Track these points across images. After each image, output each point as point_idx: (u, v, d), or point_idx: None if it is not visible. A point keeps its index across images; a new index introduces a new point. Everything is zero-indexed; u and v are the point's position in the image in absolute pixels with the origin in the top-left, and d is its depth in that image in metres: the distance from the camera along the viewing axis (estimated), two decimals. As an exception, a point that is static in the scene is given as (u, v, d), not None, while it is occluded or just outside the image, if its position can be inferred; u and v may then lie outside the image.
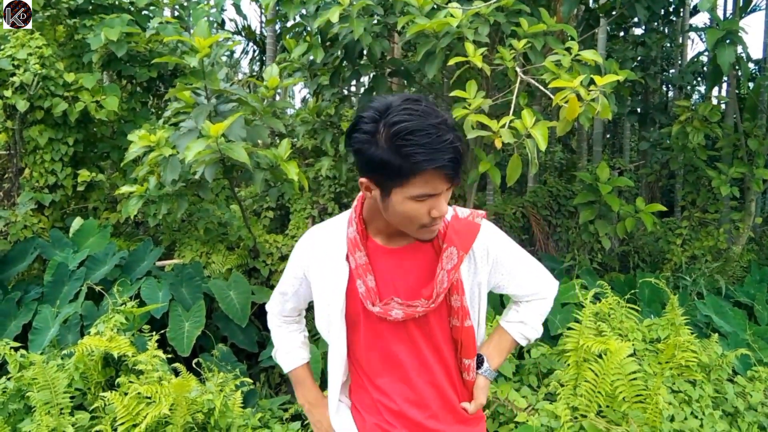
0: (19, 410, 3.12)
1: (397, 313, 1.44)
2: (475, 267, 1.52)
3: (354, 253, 1.47)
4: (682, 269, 5.40)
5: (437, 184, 1.29)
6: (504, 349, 1.66)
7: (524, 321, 1.66)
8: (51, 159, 5.07)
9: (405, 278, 1.47)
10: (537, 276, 1.65)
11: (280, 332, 1.79)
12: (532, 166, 3.22)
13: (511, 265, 1.58)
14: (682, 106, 5.55)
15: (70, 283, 4.30)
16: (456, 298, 1.48)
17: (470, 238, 1.46)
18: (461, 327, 1.51)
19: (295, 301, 1.70)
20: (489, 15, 3.71)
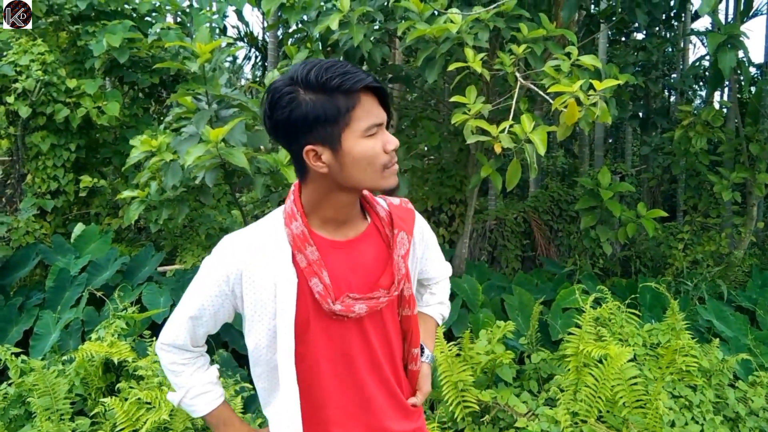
0: (20, 416, 3.13)
1: (360, 308, 1.33)
2: (414, 252, 1.49)
3: (304, 249, 1.31)
4: (684, 274, 5.39)
5: (376, 111, 1.25)
6: (432, 333, 1.65)
7: (442, 301, 1.69)
8: (53, 165, 5.09)
9: (356, 272, 1.35)
10: (441, 256, 1.67)
11: (185, 371, 1.47)
12: (532, 170, 3.22)
13: (432, 248, 1.60)
14: (685, 111, 5.54)
15: (72, 288, 4.30)
16: (408, 287, 1.42)
17: (410, 223, 1.45)
18: (411, 316, 1.46)
19: (211, 325, 1.43)
20: (489, 20, 3.72)
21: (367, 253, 1.38)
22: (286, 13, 4.35)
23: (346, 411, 1.41)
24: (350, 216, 1.37)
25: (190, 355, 1.48)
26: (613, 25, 5.64)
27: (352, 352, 1.38)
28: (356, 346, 1.38)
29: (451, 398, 2.98)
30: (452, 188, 5.56)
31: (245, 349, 4.26)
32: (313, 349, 1.36)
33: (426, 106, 6.35)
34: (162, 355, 1.48)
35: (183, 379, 1.47)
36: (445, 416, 3.11)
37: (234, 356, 4.24)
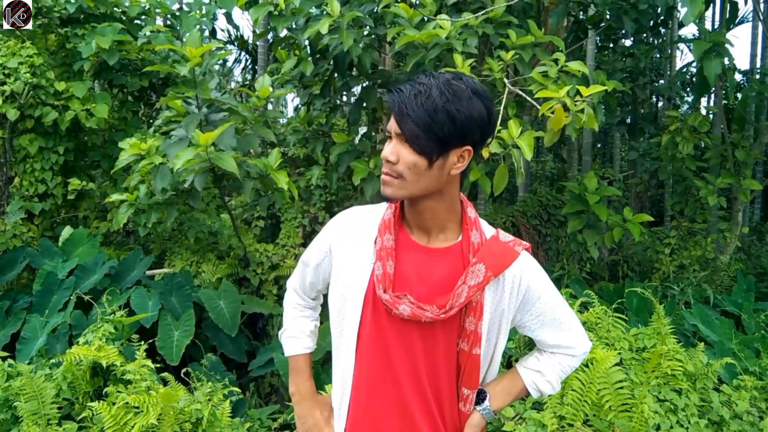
0: (6, 420, 3.11)
1: (404, 309, 1.34)
2: (501, 295, 1.40)
3: (383, 234, 1.40)
4: (671, 278, 5.44)
5: (391, 123, 1.32)
6: (511, 393, 1.51)
7: (542, 371, 1.51)
8: (41, 168, 5.06)
9: (425, 280, 1.38)
10: (569, 329, 1.50)
11: (293, 313, 1.69)
12: (518, 175, 3.25)
13: (543, 307, 1.46)
14: (672, 117, 5.61)
15: (60, 292, 4.29)
16: (471, 321, 1.38)
17: (504, 263, 1.37)
18: (468, 353, 1.40)
19: (314, 276, 1.59)
20: (478, 27, 3.75)
21: (440, 267, 1.39)
22: (274, 21, 4.36)
23: (383, 406, 1.44)
24: (429, 224, 1.40)
25: (300, 301, 1.69)
26: (600, 31, 5.70)
27: (395, 356, 1.41)
28: (400, 354, 1.40)
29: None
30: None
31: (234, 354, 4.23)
32: (364, 335, 1.43)
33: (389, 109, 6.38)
34: (286, 294, 1.73)
35: (287, 319, 1.70)
36: (433, 420, 3.12)
37: (222, 360, 4.24)
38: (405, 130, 1.28)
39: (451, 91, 1.27)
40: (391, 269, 1.37)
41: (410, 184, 1.32)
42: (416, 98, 1.26)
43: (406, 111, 1.27)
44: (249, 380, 4.50)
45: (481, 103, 1.30)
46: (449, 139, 1.28)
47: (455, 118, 1.26)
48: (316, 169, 4.88)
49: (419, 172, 1.30)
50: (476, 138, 1.32)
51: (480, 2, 4.22)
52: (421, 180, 1.31)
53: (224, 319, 4.33)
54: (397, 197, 1.35)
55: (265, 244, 5.40)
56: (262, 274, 5.11)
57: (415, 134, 1.27)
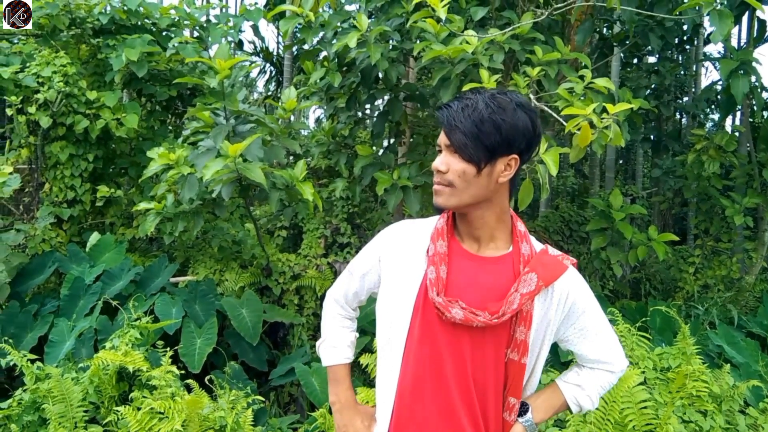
0: (33, 422, 3.17)
1: (456, 313, 1.39)
2: (549, 306, 1.46)
3: (436, 241, 1.47)
4: (695, 298, 5.38)
5: (441, 137, 1.42)
6: (552, 407, 1.55)
7: (582, 386, 1.56)
8: (71, 174, 5.17)
9: (476, 287, 1.43)
10: (610, 345, 1.56)
11: (333, 323, 1.72)
12: (543, 191, 3.25)
13: (586, 321, 1.51)
14: (698, 135, 5.57)
15: (86, 297, 4.36)
16: (521, 330, 1.43)
17: (555, 274, 1.43)
18: (517, 362, 1.44)
19: (359, 286, 1.64)
20: (504, 42, 3.78)
21: (492, 276, 1.45)
22: (303, 33, 4.42)
23: (430, 411, 1.47)
24: (479, 232, 1.47)
25: (341, 311, 1.73)
26: (626, 48, 5.69)
27: (441, 360, 1.45)
28: (450, 358, 1.44)
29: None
30: (463, 206, 5.58)
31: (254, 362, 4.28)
32: (412, 341, 1.47)
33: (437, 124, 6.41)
34: (325, 304, 1.76)
35: (327, 329, 1.72)
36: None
37: (244, 369, 4.27)
38: (454, 141, 1.37)
39: (496, 103, 1.36)
40: (443, 273, 1.43)
41: (460, 192, 1.40)
42: (464, 111, 1.37)
43: (454, 123, 1.37)
44: (269, 389, 4.52)
45: (526, 114, 1.39)
46: (496, 147, 1.37)
47: (501, 128, 1.35)
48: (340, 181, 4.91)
49: (468, 179, 1.39)
50: (522, 147, 1.40)
51: (506, 18, 4.26)
52: (470, 187, 1.40)
53: (246, 328, 4.37)
54: (449, 206, 1.42)
55: (287, 253, 5.44)
56: (283, 283, 5.15)
57: (463, 143, 1.36)
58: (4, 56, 5.05)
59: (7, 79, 4.83)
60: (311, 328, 5.09)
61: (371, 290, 1.65)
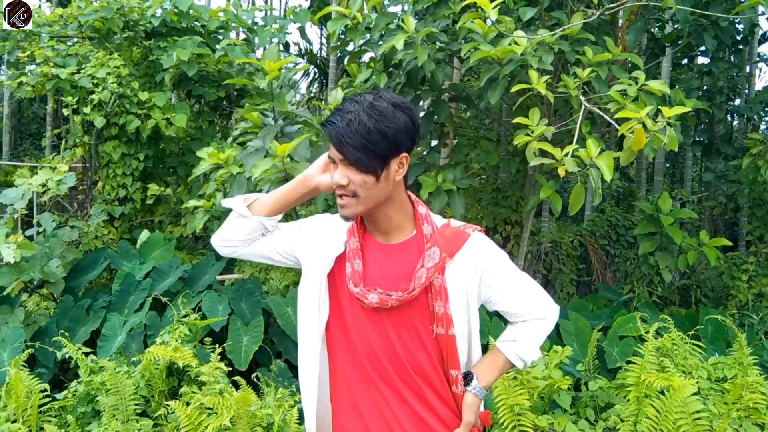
0: (87, 413, 3.26)
1: (372, 297, 1.50)
2: (461, 275, 1.54)
3: (349, 239, 1.58)
4: (749, 306, 5.20)
5: (333, 152, 1.48)
6: (496, 368, 1.63)
7: (517, 340, 1.63)
8: (123, 173, 5.32)
9: (390, 272, 1.54)
10: (531, 295, 1.64)
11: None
12: (596, 196, 3.19)
13: (501, 278, 1.59)
14: (754, 139, 5.39)
15: (136, 293, 4.47)
16: (440, 304, 1.52)
17: (457, 244, 1.53)
18: (445, 335, 1.53)
19: (277, 237, 1.70)
20: (553, 43, 3.72)
21: (402, 260, 1.55)
22: (350, 34, 4.44)
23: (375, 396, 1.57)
24: (384, 225, 1.57)
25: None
26: (678, 49, 5.55)
27: (371, 344, 1.55)
28: (381, 343, 1.55)
29: (507, 421, 2.96)
30: (508, 209, 5.53)
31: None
32: (348, 324, 1.58)
33: (480, 125, 6.36)
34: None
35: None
36: (499, 439, 3.09)
37: (288, 367, 4.31)
38: (348, 156, 1.44)
39: (377, 112, 1.44)
40: (359, 267, 1.54)
41: (364, 200, 1.48)
42: (349, 126, 1.42)
43: (343, 140, 1.42)
44: (312, 388, 4.55)
45: (404, 113, 1.47)
46: (387, 153, 1.45)
47: (387, 135, 1.44)
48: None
49: (369, 187, 1.47)
50: (408, 144, 1.50)
51: (556, 19, 4.20)
52: (372, 194, 1.48)
53: (292, 326, 4.40)
54: (356, 214, 1.51)
55: (330, 254, 5.47)
56: (327, 283, 5.18)
57: (357, 157, 1.43)
58: (62, 58, 5.22)
59: (65, 80, 4.99)
60: (353, 328, 5.10)
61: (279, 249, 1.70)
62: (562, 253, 5.89)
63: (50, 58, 5.15)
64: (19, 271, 4.29)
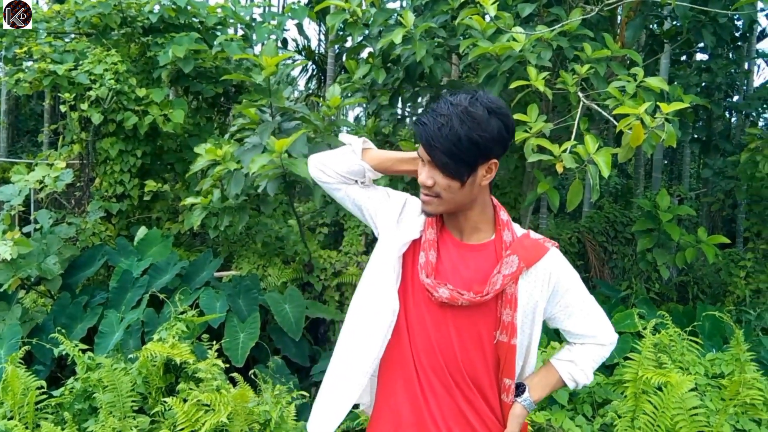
0: (84, 410, 3.25)
1: (443, 292, 1.49)
2: (533, 287, 1.53)
3: (427, 229, 1.59)
4: (746, 303, 5.20)
5: (422, 151, 1.48)
6: (548, 385, 1.63)
7: (574, 361, 1.63)
8: (120, 170, 5.30)
9: (463, 272, 1.54)
10: (596, 319, 1.63)
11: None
12: (594, 192, 3.19)
13: (571, 299, 1.59)
14: (752, 134, 5.38)
15: (134, 290, 4.46)
16: (508, 312, 1.51)
17: (536, 256, 1.52)
18: (507, 344, 1.52)
19: (370, 194, 1.72)
20: (552, 39, 3.71)
21: (478, 261, 1.55)
22: (350, 29, 4.43)
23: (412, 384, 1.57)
24: (462, 225, 1.57)
25: None
26: (677, 45, 5.54)
27: (429, 337, 1.54)
28: (434, 334, 1.54)
29: (505, 418, 2.95)
30: (506, 205, 5.51)
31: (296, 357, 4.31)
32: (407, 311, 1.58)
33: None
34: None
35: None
36: (497, 436, 3.09)
37: (286, 363, 4.31)
38: (435, 159, 1.44)
39: (470, 118, 1.41)
40: (433, 258, 1.54)
41: (447, 202, 1.50)
42: (440, 131, 1.41)
43: (433, 143, 1.42)
44: (310, 384, 4.55)
45: (499, 120, 1.44)
46: (476, 160, 1.45)
47: (478, 143, 1.41)
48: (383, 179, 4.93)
49: (453, 191, 1.48)
50: (500, 152, 1.48)
51: (554, 15, 4.19)
52: (456, 197, 1.49)
53: (289, 323, 4.41)
54: (438, 213, 1.54)
55: (328, 250, 5.47)
56: (325, 280, 5.17)
57: (444, 162, 1.43)
58: (59, 54, 5.20)
59: (62, 76, 4.97)
60: (352, 324, 5.10)
61: (365, 207, 1.71)
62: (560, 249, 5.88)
63: (47, 54, 5.12)
64: (15, 268, 4.28)
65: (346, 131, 7.26)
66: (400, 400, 1.59)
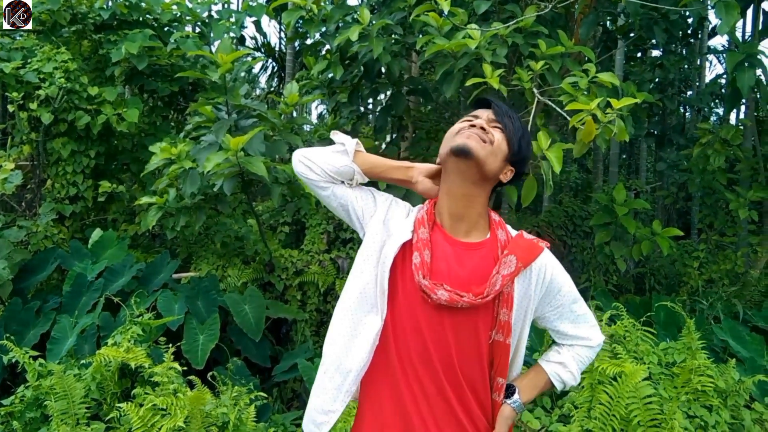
0: (36, 419, 3.16)
1: (442, 294, 1.45)
2: (528, 286, 1.53)
3: (418, 229, 1.54)
4: (699, 292, 5.35)
5: (485, 113, 1.56)
6: (537, 387, 1.62)
7: (563, 363, 1.63)
8: (73, 171, 5.16)
9: (459, 271, 1.50)
10: (585, 321, 1.64)
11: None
12: (547, 187, 3.23)
13: (563, 299, 1.59)
14: (703, 129, 5.53)
15: (88, 293, 4.35)
16: (504, 312, 1.50)
17: (532, 255, 1.51)
18: (502, 343, 1.51)
19: (357, 194, 1.65)
20: (507, 36, 3.74)
21: (473, 260, 1.52)
22: (306, 26, 4.40)
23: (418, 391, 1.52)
24: (463, 212, 1.54)
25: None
26: (630, 42, 5.65)
27: (425, 340, 1.50)
28: (429, 337, 1.49)
29: (465, 412, 2.97)
30: (466, 202, 5.55)
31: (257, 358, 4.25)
32: (401, 319, 1.52)
33: (440, 119, 6.38)
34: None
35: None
36: (457, 430, 3.10)
37: (247, 365, 4.26)
38: (506, 125, 1.53)
39: (527, 131, 1.59)
40: (428, 258, 1.49)
41: (490, 154, 1.50)
42: (514, 113, 1.56)
43: (508, 114, 1.54)
44: (272, 385, 4.51)
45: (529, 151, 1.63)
46: (521, 153, 1.55)
47: (529, 146, 1.59)
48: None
49: (500, 150, 1.51)
50: (522, 170, 1.58)
51: (510, 12, 4.22)
52: (495, 157, 1.51)
53: (249, 324, 4.36)
54: (477, 154, 1.48)
55: (290, 249, 5.43)
56: (286, 279, 5.13)
57: (512, 129, 1.53)
58: (6, 52, 5.03)
59: (9, 75, 4.82)
60: (314, 323, 5.07)
61: (351, 206, 1.65)
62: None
63: (-6, 52, 4.97)
64: (-38, 274, 4.13)
65: (308, 129, 7.21)
66: (385, 405, 1.55)
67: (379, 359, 1.55)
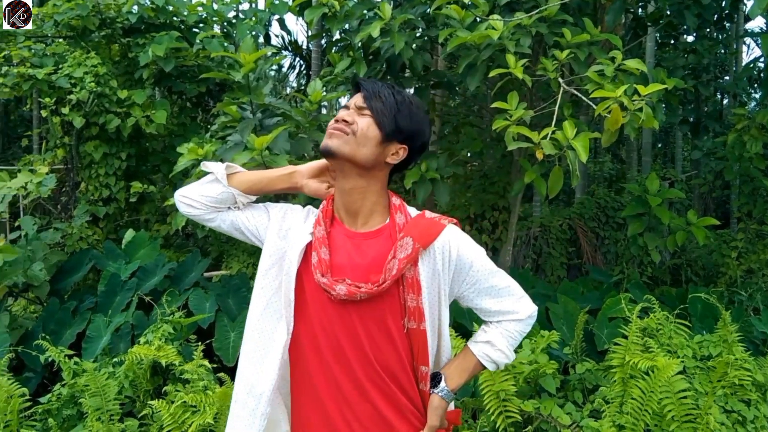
0: (72, 416, 3.24)
1: (341, 289, 1.42)
2: (434, 267, 1.47)
3: (316, 227, 1.52)
4: (738, 283, 5.19)
5: (355, 99, 1.50)
6: (466, 370, 1.56)
7: (491, 341, 1.56)
8: (105, 173, 5.27)
9: (359, 262, 1.47)
10: (509, 294, 1.56)
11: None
12: (573, 178, 3.16)
13: (477, 275, 1.52)
14: (739, 114, 5.35)
15: (122, 293, 4.44)
16: (412, 298, 1.45)
17: (431, 235, 1.46)
18: (417, 329, 1.47)
19: (248, 214, 1.62)
20: (531, 26, 3.68)
21: (370, 248, 1.49)
22: (329, 23, 4.39)
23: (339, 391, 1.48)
24: (357, 204, 1.51)
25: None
26: (660, 28, 5.50)
27: (337, 337, 1.47)
28: (341, 334, 1.47)
29: (493, 408, 2.95)
30: (495, 195, 5.51)
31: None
32: (312, 321, 1.49)
33: (469, 112, 6.32)
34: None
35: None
36: (486, 426, 3.08)
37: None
38: (372, 106, 1.46)
39: (415, 101, 1.51)
40: (325, 255, 1.47)
41: (356, 145, 1.45)
42: (390, 89, 1.49)
43: (378, 93, 1.47)
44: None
45: (429, 125, 1.57)
46: (401, 131, 1.47)
47: (413, 118, 1.49)
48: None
49: (368, 138, 1.45)
50: (416, 145, 1.52)
51: (533, 1, 4.15)
52: (365, 146, 1.45)
53: (278, 321, 4.39)
54: (341, 152, 1.45)
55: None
56: (315, 275, 5.16)
57: (381, 109, 1.45)
58: (38, 58, 5.16)
59: (42, 81, 4.94)
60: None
61: (243, 226, 1.62)
62: (552, 236, 5.87)
63: (27, 58, 5.09)
64: (2, 276, 4.26)
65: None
66: (311, 418, 1.52)
67: (297, 372, 1.54)
